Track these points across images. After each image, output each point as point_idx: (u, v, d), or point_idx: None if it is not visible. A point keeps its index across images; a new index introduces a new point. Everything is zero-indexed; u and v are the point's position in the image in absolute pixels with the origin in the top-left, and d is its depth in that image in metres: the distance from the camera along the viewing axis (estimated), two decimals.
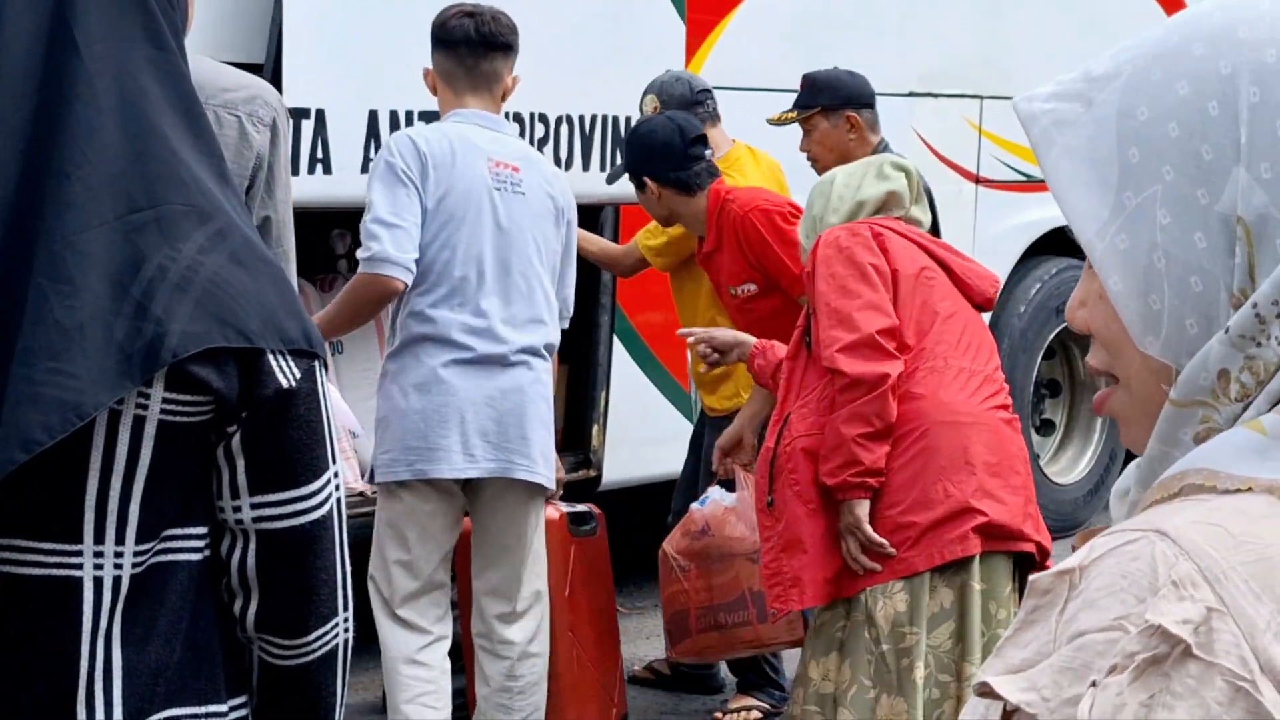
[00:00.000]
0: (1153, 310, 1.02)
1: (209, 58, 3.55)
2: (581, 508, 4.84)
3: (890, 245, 3.80)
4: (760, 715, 5.34)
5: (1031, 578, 1.02)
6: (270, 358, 1.68)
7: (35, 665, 1.64)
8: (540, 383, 4.19)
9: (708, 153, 4.90)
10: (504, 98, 4.28)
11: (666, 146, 4.84)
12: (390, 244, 3.96)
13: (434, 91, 4.29)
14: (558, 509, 4.66)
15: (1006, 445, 3.79)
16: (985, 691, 0.97)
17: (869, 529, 3.67)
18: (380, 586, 4.16)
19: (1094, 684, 0.94)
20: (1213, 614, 0.92)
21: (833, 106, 5.25)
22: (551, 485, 4.28)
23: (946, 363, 3.75)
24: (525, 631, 4.24)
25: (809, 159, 5.33)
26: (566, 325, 4.44)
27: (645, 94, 5.28)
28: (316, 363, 1.74)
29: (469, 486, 4.18)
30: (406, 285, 4.01)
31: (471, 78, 4.17)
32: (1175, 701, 0.92)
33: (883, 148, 5.22)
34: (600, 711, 4.78)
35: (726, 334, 4.41)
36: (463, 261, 4.07)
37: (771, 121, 5.51)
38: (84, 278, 1.59)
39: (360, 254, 4.05)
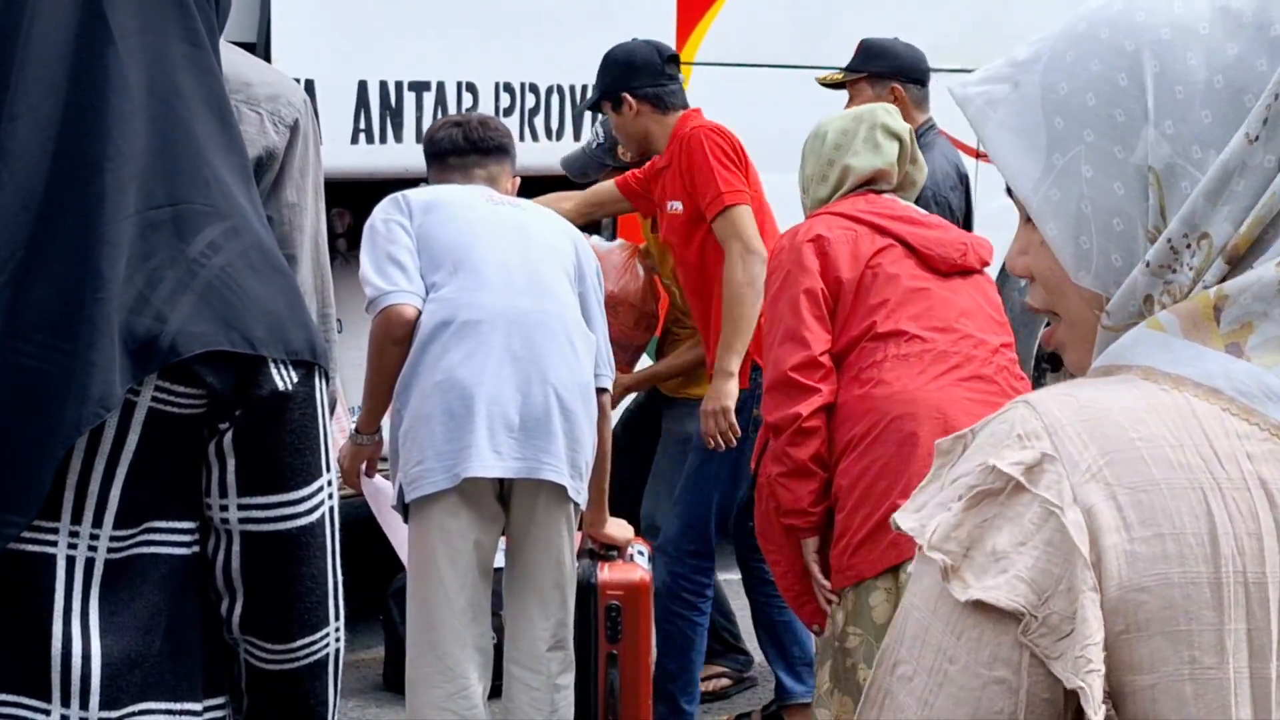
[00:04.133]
0: (1083, 249, 1.22)
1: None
2: None
3: (833, 250, 3.74)
4: (729, 682, 5.44)
5: (936, 441, 1.26)
6: (271, 364, 1.68)
7: (6, 637, 1.64)
8: None
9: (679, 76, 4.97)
10: None
11: (647, 63, 4.93)
12: (381, 279, 3.89)
13: None
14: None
15: (964, 421, 3.73)
16: (895, 526, 1.20)
17: (812, 566, 3.74)
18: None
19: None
20: (1045, 459, 1.13)
21: (880, 74, 5.24)
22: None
23: (912, 344, 3.69)
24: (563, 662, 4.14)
25: None
26: (609, 383, 4.26)
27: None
28: (316, 371, 1.73)
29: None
30: (419, 310, 3.92)
31: (469, 182, 4.14)
32: (1004, 524, 1.13)
33: (928, 128, 5.21)
34: None
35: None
36: (469, 248, 3.99)
37: (820, 81, 5.50)
38: (112, 270, 1.59)
39: (366, 308, 3.99)
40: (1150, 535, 1.12)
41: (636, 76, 4.91)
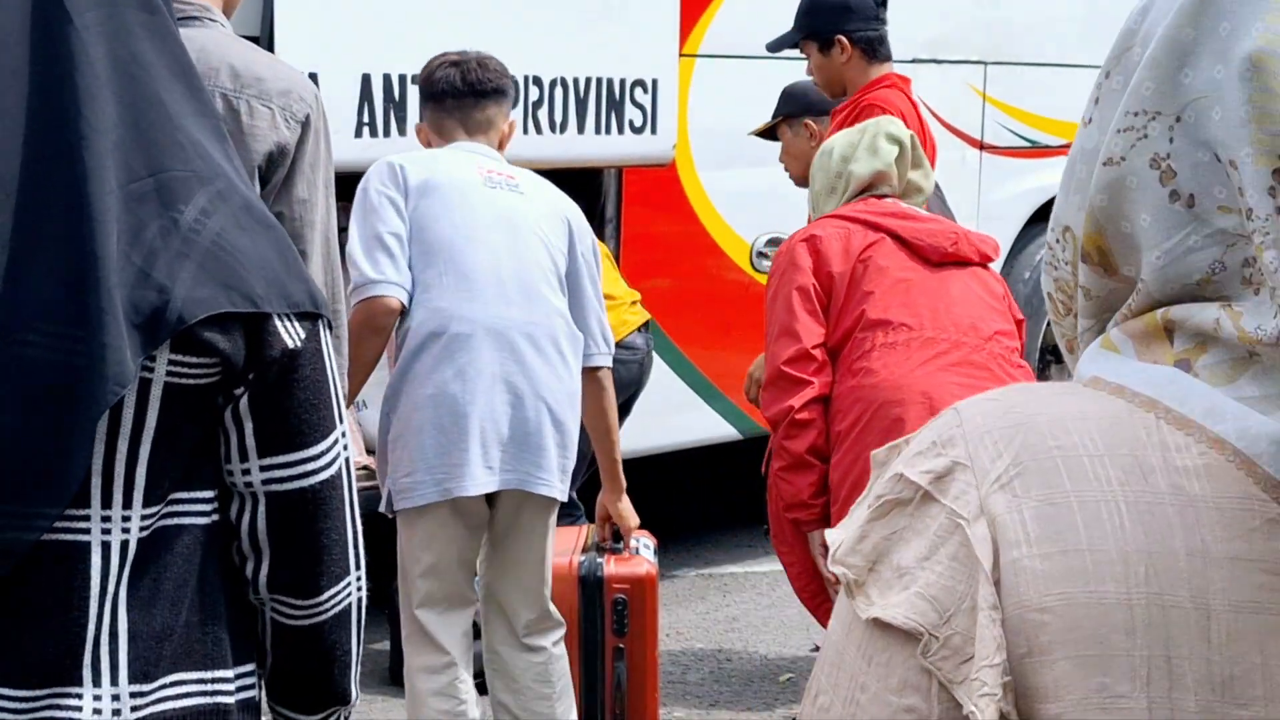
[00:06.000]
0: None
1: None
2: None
3: (825, 247, 3.81)
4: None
5: (872, 452, 1.16)
6: (275, 320, 1.69)
7: (43, 628, 1.64)
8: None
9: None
10: (502, 146, 4.14)
11: (862, 5, 4.87)
12: (369, 266, 3.83)
13: (428, 147, 4.19)
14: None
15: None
16: (825, 539, 1.14)
17: (819, 559, 3.75)
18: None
19: None
20: (956, 467, 1.06)
21: (793, 115, 5.21)
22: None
23: (899, 332, 3.73)
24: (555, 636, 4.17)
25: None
26: (608, 360, 4.22)
27: None
28: (320, 323, 1.75)
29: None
30: (404, 303, 3.87)
31: (466, 128, 4.08)
32: (911, 537, 1.06)
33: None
34: None
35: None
36: (463, 249, 3.93)
37: (752, 133, 5.47)
38: (105, 249, 1.60)
39: (349, 290, 3.84)
40: (1055, 551, 1.03)
41: (853, 20, 4.85)
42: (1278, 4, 1.05)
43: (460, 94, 4.06)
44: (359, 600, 1.82)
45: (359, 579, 1.81)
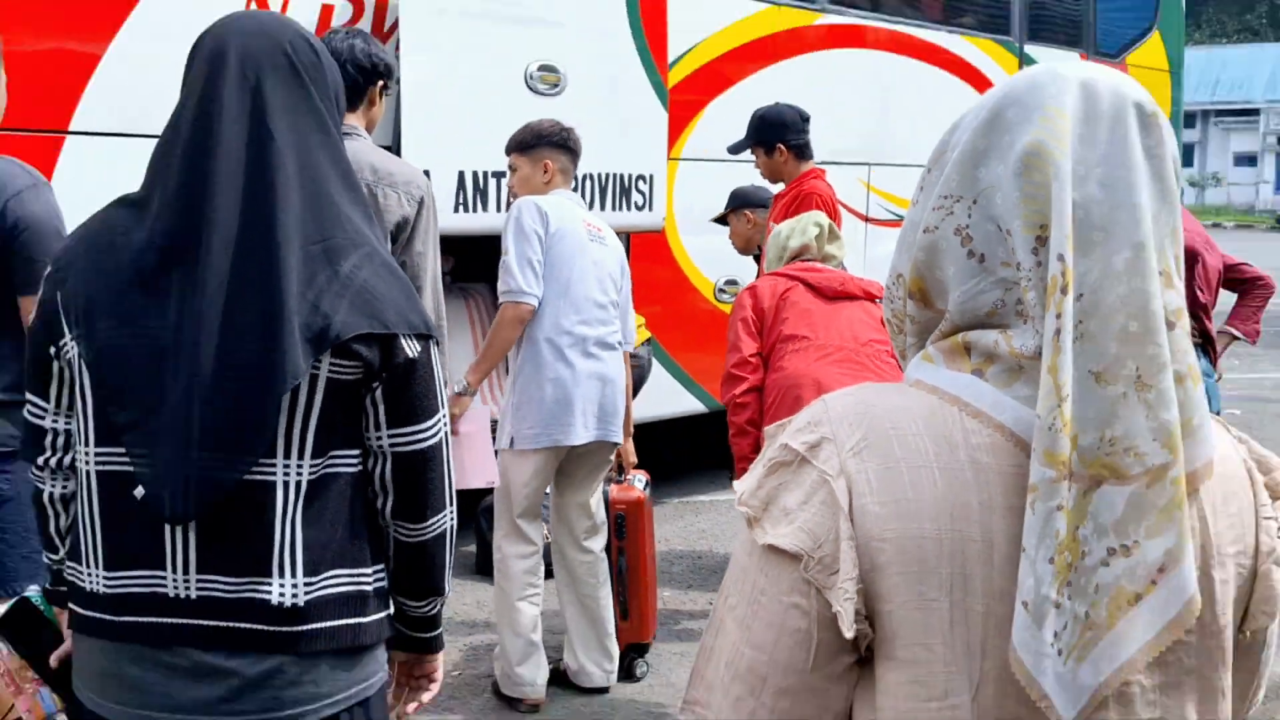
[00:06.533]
0: None
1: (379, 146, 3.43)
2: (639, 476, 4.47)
3: (760, 293, 3.87)
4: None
5: (765, 428, 1.17)
6: (400, 339, 1.66)
7: (246, 537, 1.62)
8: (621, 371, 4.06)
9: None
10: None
11: (794, 120, 4.77)
12: (521, 280, 3.78)
13: (547, 178, 3.97)
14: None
15: (835, 388, 3.76)
16: (734, 489, 1.11)
17: None
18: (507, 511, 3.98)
19: None
20: (824, 440, 1.04)
21: (738, 207, 5.05)
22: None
23: (802, 342, 3.77)
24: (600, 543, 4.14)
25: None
26: (632, 349, 4.22)
27: None
28: (430, 341, 1.71)
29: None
30: (534, 308, 3.82)
31: (566, 177, 4.01)
32: (793, 487, 1.04)
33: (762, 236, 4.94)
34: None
35: None
36: (575, 283, 3.89)
37: (711, 220, 5.28)
38: (289, 289, 1.59)
39: (500, 286, 3.83)
40: (889, 500, 1.01)
41: (788, 131, 4.76)
42: (1041, 118, 1.03)
43: (570, 152, 4.00)
44: (451, 527, 1.78)
45: (451, 513, 1.77)
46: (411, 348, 1.68)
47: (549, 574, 4.26)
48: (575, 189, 4.16)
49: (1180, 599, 1.00)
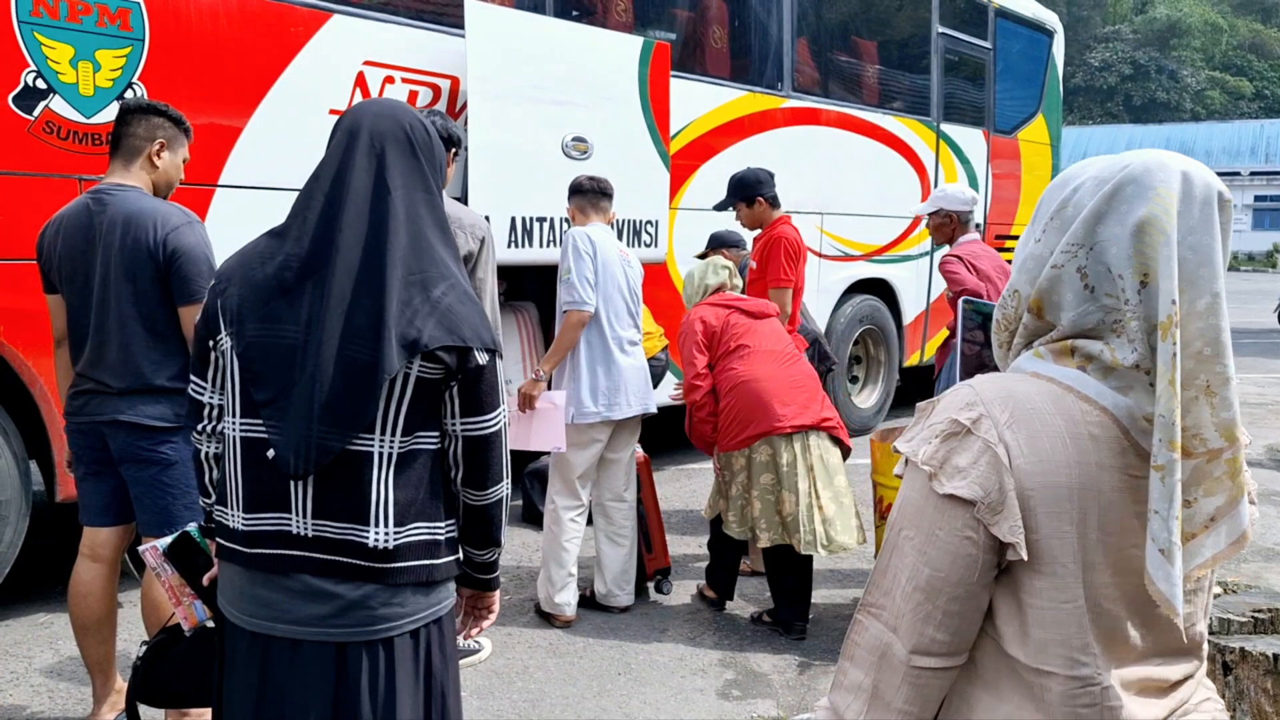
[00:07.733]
0: None
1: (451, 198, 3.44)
2: None
3: (705, 315, 3.90)
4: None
5: (919, 405, 1.17)
6: (474, 351, 1.64)
7: (349, 493, 1.60)
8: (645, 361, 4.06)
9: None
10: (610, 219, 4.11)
11: (766, 178, 4.68)
12: (583, 292, 3.78)
13: (575, 215, 3.97)
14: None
15: (784, 378, 3.81)
16: (897, 451, 1.13)
17: (714, 453, 3.87)
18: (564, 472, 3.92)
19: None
20: (982, 416, 1.08)
21: (716, 247, 4.98)
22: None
23: (742, 350, 3.82)
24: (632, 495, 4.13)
25: None
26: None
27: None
28: (494, 354, 1.70)
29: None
30: (593, 314, 3.83)
31: (597, 210, 3.98)
32: (962, 451, 1.08)
33: (744, 265, 4.82)
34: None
35: None
36: (612, 295, 3.89)
37: (696, 256, 5.11)
38: (391, 305, 1.58)
39: (565, 297, 3.79)
40: (1036, 460, 1.06)
41: (762, 188, 4.68)
42: (1154, 196, 1.07)
43: (597, 195, 3.98)
44: (506, 494, 1.76)
45: (507, 484, 1.75)
46: (481, 358, 1.66)
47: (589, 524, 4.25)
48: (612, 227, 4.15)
49: (1237, 532, 1.08)
